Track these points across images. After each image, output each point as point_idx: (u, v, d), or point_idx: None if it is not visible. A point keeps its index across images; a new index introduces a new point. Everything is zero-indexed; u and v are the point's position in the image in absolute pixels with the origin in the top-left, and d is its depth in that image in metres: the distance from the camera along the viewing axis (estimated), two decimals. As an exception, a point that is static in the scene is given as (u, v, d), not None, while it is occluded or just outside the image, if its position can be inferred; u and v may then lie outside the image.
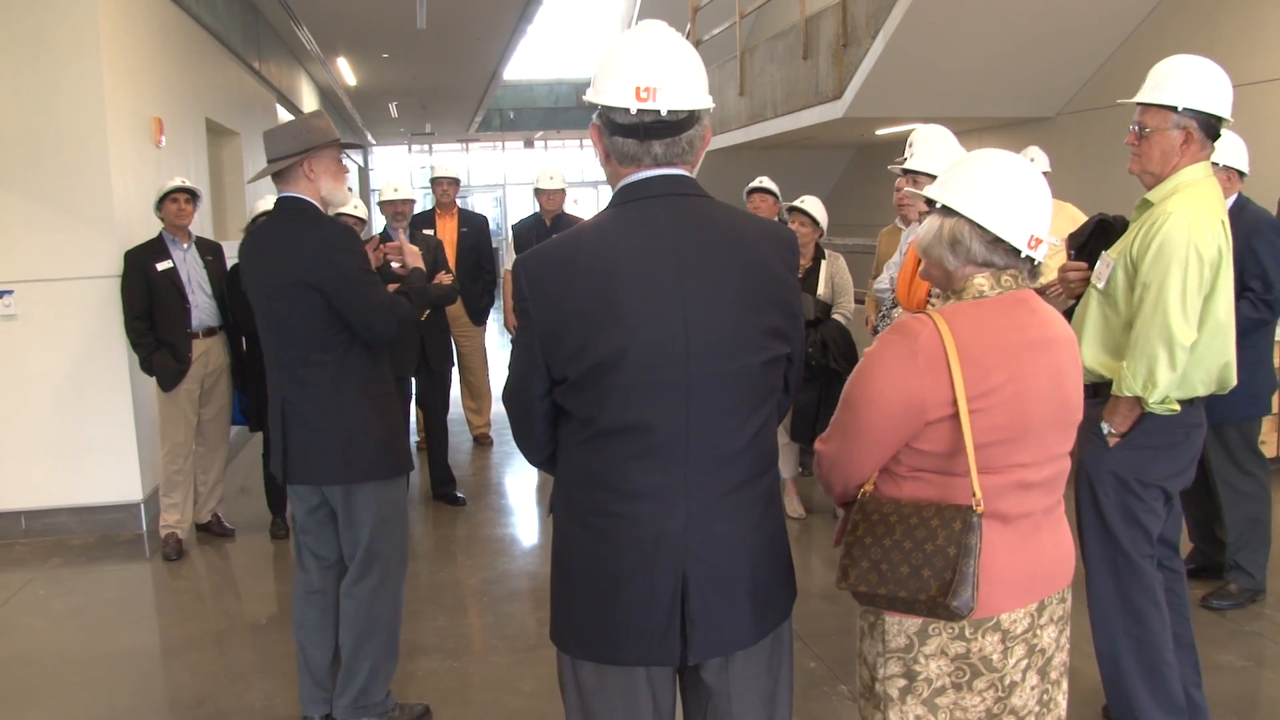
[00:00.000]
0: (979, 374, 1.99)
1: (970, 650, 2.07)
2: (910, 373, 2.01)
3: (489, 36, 12.59)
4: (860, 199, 13.00)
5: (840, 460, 2.16)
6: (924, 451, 2.05)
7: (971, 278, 2.09)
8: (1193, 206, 3.02)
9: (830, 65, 9.11)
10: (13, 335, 5.89)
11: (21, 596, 5.19)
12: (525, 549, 5.76)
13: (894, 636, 2.12)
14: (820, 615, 4.63)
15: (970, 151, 2.25)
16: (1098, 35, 7.91)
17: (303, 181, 3.43)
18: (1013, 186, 2.08)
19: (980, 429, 1.99)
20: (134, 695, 4.13)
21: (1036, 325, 2.09)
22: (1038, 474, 2.08)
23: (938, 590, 1.96)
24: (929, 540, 1.99)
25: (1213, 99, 3.06)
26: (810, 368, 5.53)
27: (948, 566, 1.95)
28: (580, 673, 2.07)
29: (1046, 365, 2.06)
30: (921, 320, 2.05)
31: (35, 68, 5.73)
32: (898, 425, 2.04)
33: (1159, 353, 3.00)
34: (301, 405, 3.46)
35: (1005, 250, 2.07)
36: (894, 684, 2.14)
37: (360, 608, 3.57)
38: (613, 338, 1.88)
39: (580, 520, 2.02)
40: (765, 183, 6.32)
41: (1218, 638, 4.20)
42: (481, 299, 7.61)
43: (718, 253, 1.94)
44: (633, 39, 1.96)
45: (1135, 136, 3.18)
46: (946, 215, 2.10)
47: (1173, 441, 3.18)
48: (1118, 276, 3.13)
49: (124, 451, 6.03)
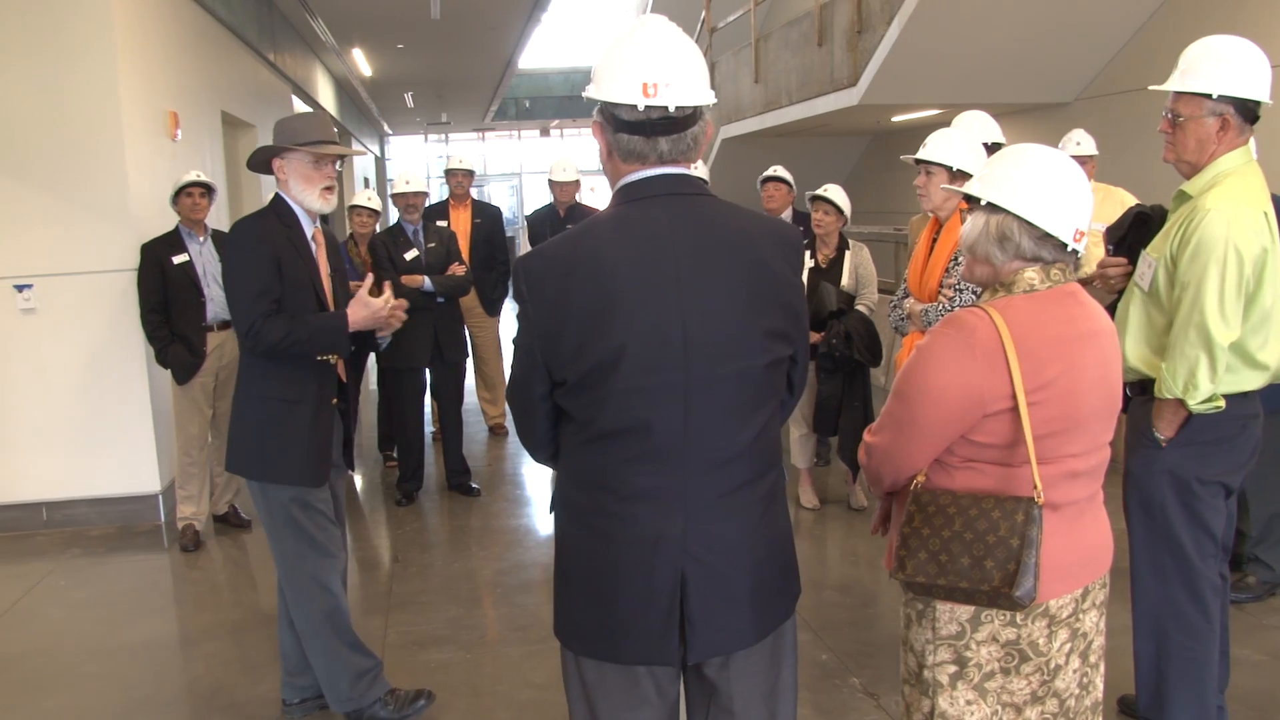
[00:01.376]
0: (1035, 367, 2.03)
1: (1020, 636, 2.12)
2: (969, 366, 2.04)
3: (503, 25, 12.57)
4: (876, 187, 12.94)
5: (893, 452, 2.18)
6: (980, 443, 2.09)
7: (1021, 271, 2.12)
8: (1232, 201, 2.91)
9: (845, 52, 9.06)
10: (32, 328, 5.93)
11: (41, 587, 5.23)
12: (539, 540, 5.77)
13: (945, 624, 2.16)
14: (833, 607, 4.63)
15: (1008, 147, 2.25)
16: (1115, 19, 7.84)
17: (279, 179, 3.49)
18: (1055, 181, 2.10)
19: (1036, 421, 2.03)
20: (151, 685, 4.16)
21: (1085, 318, 2.13)
22: (1085, 463, 2.14)
23: (1001, 581, 1.99)
24: (991, 532, 2.02)
25: (1250, 83, 2.92)
26: (834, 359, 5.49)
27: (1011, 558, 1.99)
28: (583, 668, 2.08)
29: (1095, 357, 2.10)
30: (977, 314, 2.07)
31: (51, 63, 5.75)
32: (955, 418, 2.07)
33: (1199, 355, 2.92)
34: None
35: (1054, 245, 2.09)
36: (944, 670, 2.17)
37: (285, 610, 3.70)
38: (611, 340, 1.87)
39: (580, 520, 2.03)
40: (779, 171, 6.31)
41: (1236, 631, 4.14)
42: (495, 289, 7.63)
43: (718, 254, 1.93)
44: (636, 34, 1.94)
45: (1169, 124, 3.05)
46: (992, 212, 2.12)
47: (1227, 435, 3.07)
48: (1159, 276, 3.04)
49: (141, 443, 6.08)
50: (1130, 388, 3.25)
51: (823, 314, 5.51)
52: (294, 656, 3.76)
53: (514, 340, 2.03)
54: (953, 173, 3.93)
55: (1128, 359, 3.16)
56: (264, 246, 3.41)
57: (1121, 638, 3.26)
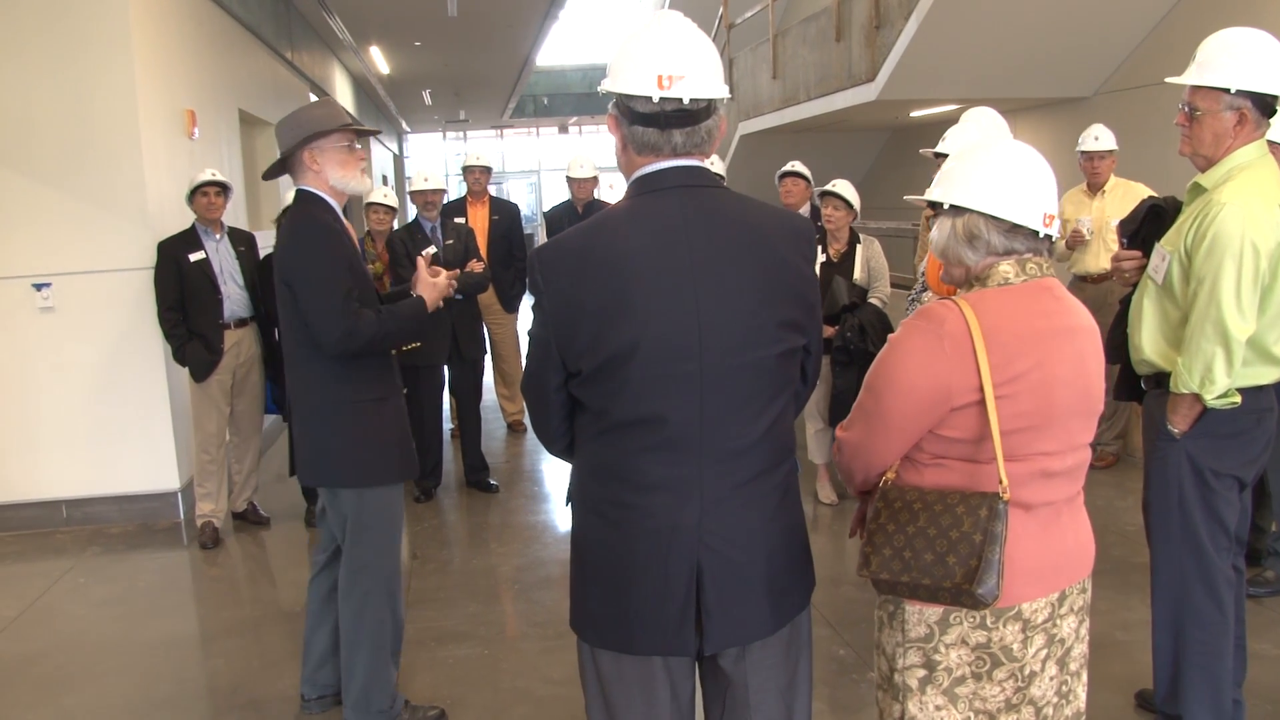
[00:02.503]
0: (1005, 360, 1.97)
1: (991, 640, 2.06)
2: (936, 358, 1.99)
3: (521, 23, 12.59)
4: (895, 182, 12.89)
5: (863, 447, 2.14)
6: (948, 438, 2.04)
7: (996, 265, 2.07)
8: (1247, 195, 2.89)
9: (863, 47, 9.03)
10: (51, 327, 5.97)
11: (62, 584, 5.26)
12: (558, 536, 5.77)
13: (914, 626, 2.11)
14: (851, 603, 4.61)
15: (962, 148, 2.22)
16: (1134, 13, 7.78)
17: (309, 173, 3.36)
18: (1013, 171, 2.07)
19: (1005, 416, 1.98)
20: (171, 682, 4.18)
21: (1060, 313, 2.07)
22: (1060, 463, 2.07)
23: (962, 577, 1.94)
24: (954, 527, 1.97)
25: (1268, 77, 2.89)
26: (849, 352, 5.50)
27: (973, 554, 1.94)
28: (599, 661, 2.08)
29: (1070, 353, 2.04)
30: (947, 306, 2.03)
31: (68, 62, 5.78)
32: (923, 411, 2.03)
33: (1215, 350, 2.90)
34: (295, 402, 3.47)
35: (1025, 234, 2.06)
36: (913, 674, 2.12)
37: (347, 619, 3.52)
38: (625, 330, 1.88)
39: (595, 511, 2.03)
40: (797, 166, 6.29)
41: (1254, 625, 4.11)
42: (513, 286, 7.63)
43: (732, 245, 1.94)
44: (652, 28, 1.95)
45: (1185, 118, 3.03)
46: (957, 214, 2.09)
47: (1243, 428, 3.06)
48: (1174, 270, 3.02)
49: (160, 441, 6.11)
50: (1146, 381, 3.23)
51: (836, 309, 5.52)
52: (318, 653, 3.73)
53: (529, 332, 2.03)
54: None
55: (1143, 352, 3.15)
56: (335, 244, 3.33)
57: (1140, 632, 3.25)
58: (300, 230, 3.34)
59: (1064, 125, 8.76)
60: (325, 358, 3.30)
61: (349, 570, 3.49)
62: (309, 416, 3.43)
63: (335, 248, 3.31)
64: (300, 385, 3.43)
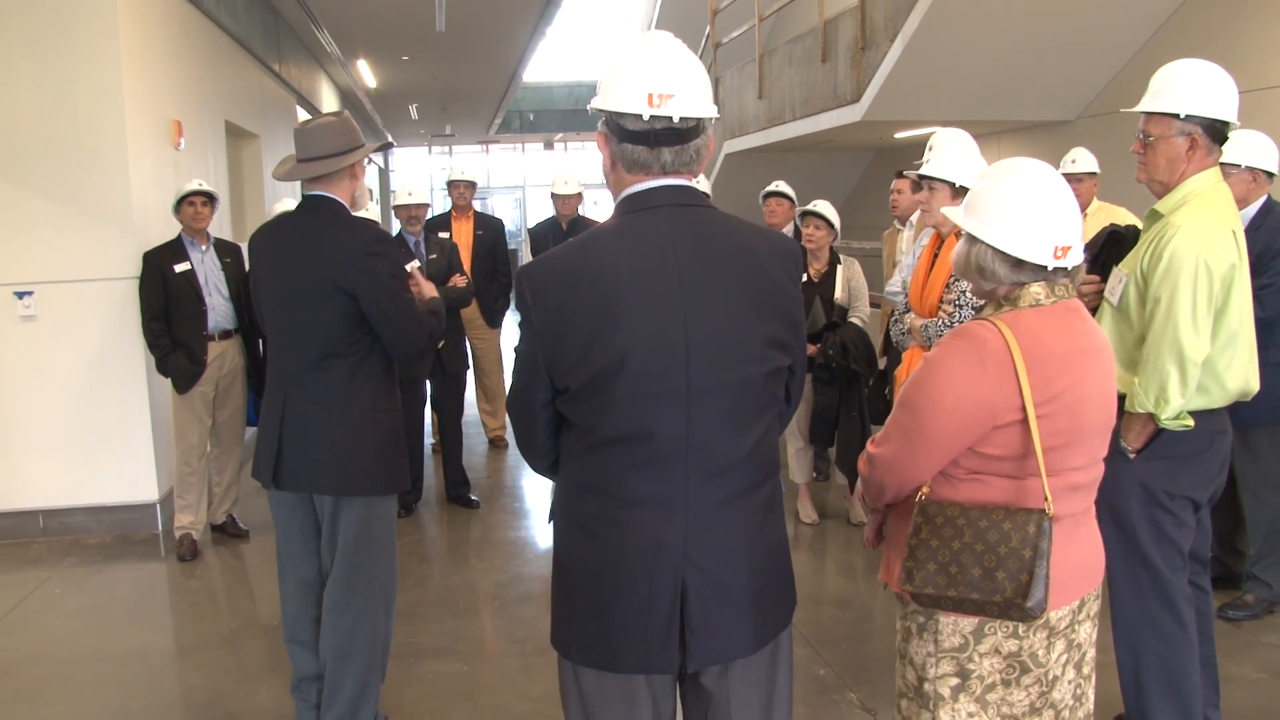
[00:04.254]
0: (1044, 380, 2.05)
1: (1022, 648, 2.15)
2: (980, 378, 2.06)
3: (508, 39, 12.62)
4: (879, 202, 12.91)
5: (899, 463, 2.19)
6: (989, 455, 2.10)
7: (1027, 286, 2.13)
8: (1202, 219, 2.98)
9: (849, 68, 9.08)
10: (32, 335, 5.93)
11: (38, 595, 5.22)
12: (538, 552, 5.76)
13: (948, 636, 2.17)
14: (831, 622, 4.61)
15: (993, 164, 2.27)
16: (1117, 39, 7.85)
17: (344, 181, 3.36)
18: (1030, 202, 2.11)
19: (1044, 434, 2.05)
20: (146, 694, 4.15)
21: (1088, 333, 2.16)
22: (1085, 476, 2.17)
23: (1013, 592, 2.01)
24: (1003, 543, 2.04)
25: (1216, 103, 3.02)
26: (830, 370, 5.53)
27: (1023, 569, 2.01)
28: (581, 679, 2.07)
29: (1097, 372, 2.14)
30: (987, 326, 2.09)
31: (55, 71, 5.77)
32: (965, 430, 2.09)
33: (1170, 369, 2.95)
34: (304, 409, 3.36)
35: (1031, 268, 2.11)
36: (946, 683, 2.18)
37: (343, 627, 3.44)
38: (613, 347, 1.89)
39: (580, 527, 2.03)
40: (781, 187, 6.31)
41: (1234, 649, 4.16)
42: (497, 301, 7.63)
43: (719, 263, 1.95)
44: (643, 47, 1.98)
45: (1141, 145, 3.15)
46: (972, 242, 2.15)
47: (1196, 449, 3.12)
48: (1130, 292, 3.09)
49: (140, 452, 6.07)
50: None
51: (816, 328, 5.57)
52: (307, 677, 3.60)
53: (516, 348, 2.04)
54: (955, 188, 3.94)
55: None
56: (396, 251, 3.42)
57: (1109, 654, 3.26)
58: (368, 237, 3.33)
59: (1046, 149, 8.81)
60: (371, 367, 3.36)
61: (349, 581, 3.43)
62: (334, 427, 3.35)
63: (397, 255, 3.42)
64: (335, 394, 3.35)
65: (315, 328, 3.32)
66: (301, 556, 3.52)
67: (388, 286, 3.30)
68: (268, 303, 3.46)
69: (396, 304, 3.31)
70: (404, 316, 3.32)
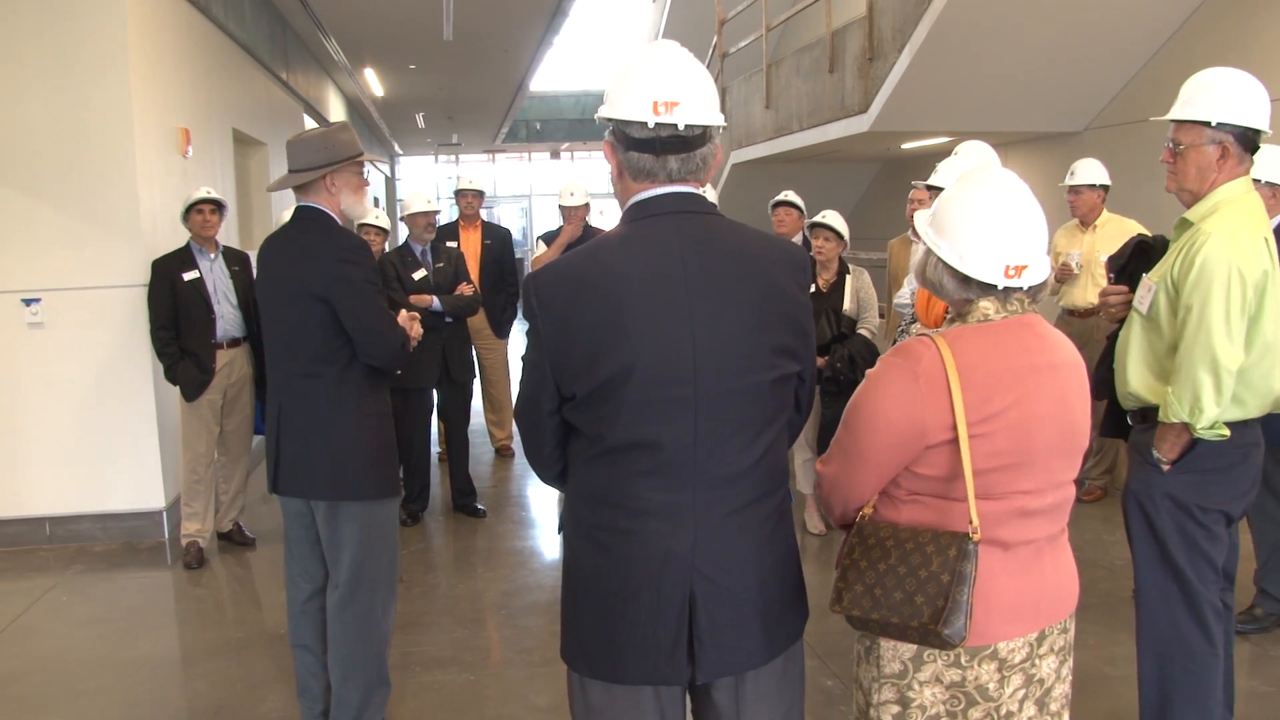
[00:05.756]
0: (981, 398, 1.96)
1: (966, 678, 2.04)
2: (911, 395, 1.99)
3: (515, 48, 12.64)
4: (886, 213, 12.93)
5: (840, 482, 2.14)
6: (923, 475, 2.03)
7: (976, 301, 2.06)
8: (1233, 225, 2.94)
9: (856, 79, 9.08)
10: (40, 342, 5.94)
11: (44, 602, 5.22)
12: (545, 562, 5.75)
13: (889, 662, 2.10)
14: (839, 634, 4.58)
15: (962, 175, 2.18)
16: (1126, 50, 7.85)
17: (323, 194, 3.41)
18: (984, 218, 2.01)
19: (981, 454, 1.97)
20: (152, 703, 4.14)
21: (1041, 350, 2.05)
22: (1040, 501, 2.04)
23: (929, 617, 1.93)
24: (923, 566, 1.96)
25: (1248, 111, 2.97)
26: (838, 382, 5.52)
27: (941, 593, 1.92)
28: (589, 691, 2.06)
29: (1051, 391, 2.03)
30: (924, 343, 2.02)
31: (65, 78, 5.78)
32: (897, 448, 2.02)
33: (1204, 378, 2.90)
34: (296, 416, 3.43)
35: (979, 285, 2.03)
36: (888, 710, 2.11)
37: (347, 633, 3.47)
38: (621, 354, 1.88)
39: (588, 537, 2.02)
40: (790, 196, 6.31)
41: (1242, 662, 4.13)
42: (504, 311, 7.64)
43: (727, 271, 1.95)
44: (649, 56, 1.98)
45: (1170, 154, 3.09)
46: (928, 254, 2.09)
47: (1230, 463, 3.07)
48: (1160, 300, 3.04)
49: (147, 459, 6.07)
50: (1132, 416, 3.24)
51: (825, 339, 5.56)
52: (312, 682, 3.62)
53: (523, 357, 2.03)
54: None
55: (1129, 385, 3.16)
56: (374, 260, 3.44)
57: (1127, 666, 3.24)
58: (344, 246, 3.38)
59: (1054, 160, 8.81)
60: (357, 372, 3.38)
61: (350, 588, 3.44)
62: (325, 431, 3.40)
63: (374, 263, 3.43)
64: (323, 400, 3.40)
65: (300, 336, 3.39)
66: (306, 562, 3.56)
67: (360, 292, 3.33)
68: (262, 312, 3.56)
69: (368, 310, 3.34)
70: (376, 322, 3.34)
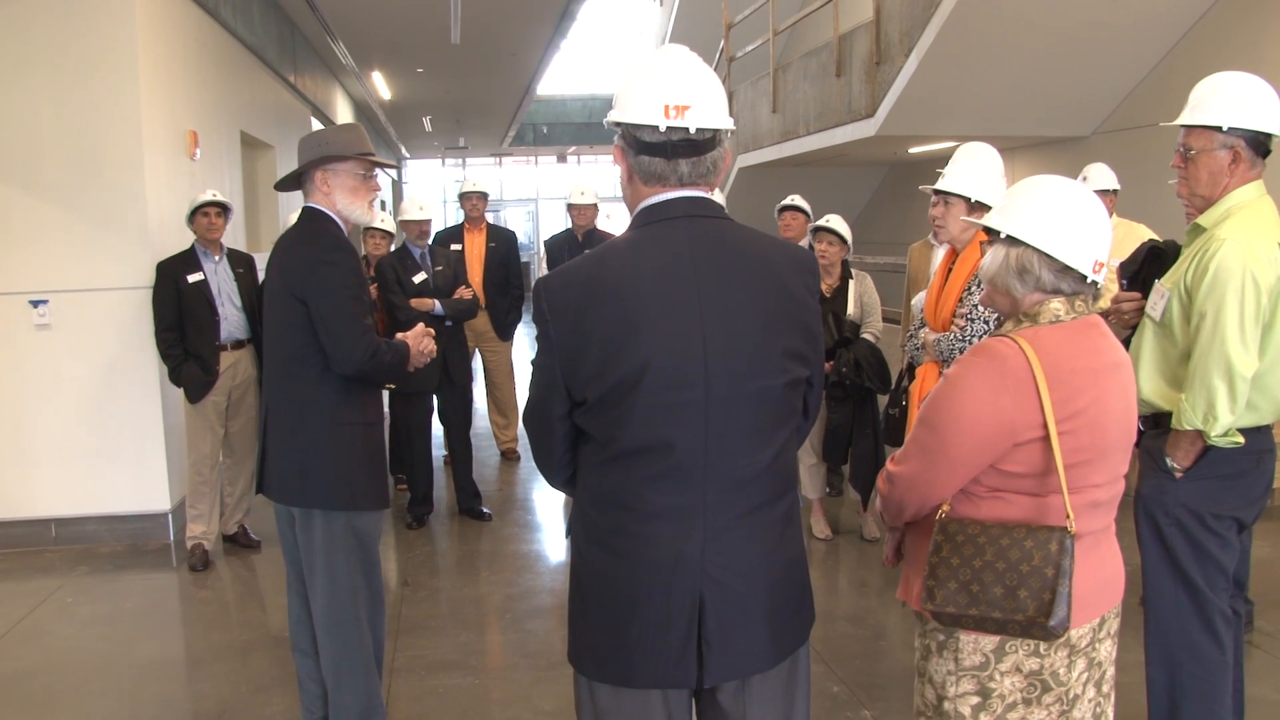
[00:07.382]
0: (1066, 396, 2.04)
1: (1044, 666, 2.13)
2: (1000, 395, 2.04)
3: (522, 52, 12.65)
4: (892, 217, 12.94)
5: (919, 481, 2.17)
6: (1010, 473, 2.09)
7: (1046, 302, 2.13)
8: (1247, 231, 2.92)
9: (863, 83, 9.08)
10: (46, 344, 5.94)
11: (49, 604, 5.22)
12: (550, 565, 5.74)
13: (969, 655, 2.15)
14: (845, 638, 4.58)
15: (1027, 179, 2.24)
16: (1134, 54, 7.84)
17: (318, 193, 3.36)
18: (1074, 213, 2.11)
19: (1066, 450, 2.04)
20: (157, 705, 4.14)
21: (1109, 349, 2.15)
22: (1106, 493, 2.16)
23: (1035, 611, 1.99)
24: (1024, 561, 2.02)
25: (1259, 115, 2.95)
26: (844, 387, 5.51)
27: (1045, 587, 1.99)
28: (597, 695, 2.06)
29: (1118, 388, 2.13)
30: (1006, 343, 2.08)
31: (73, 81, 5.79)
32: (986, 447, 2.08)
33: (1218, 385, 2.89)
34: (277, 416, 3.38)
35: (1073, 277, 2.10)
36: (966, 701, 2.17)
37: (333, 642, 3.40)
38: (632, 358, 1.88)
39: (598, 540, 2.02)
40: (797, 201, 6.31)
41: (1252, 669, 4.10)
42: (508, 314, 7.63)
43: (738, 275, 1.95)
44: (659, 60, 1.99)
45: (1181, 159, 3.07)
46: (1012, 245, 2.13)
47: (1243, 469, 3.05)
48: (1173, 306, 3.02)
49: (153, 461, 6.07)
50: (1144, 421, 3.22)
51: (829, 344, 5.53)
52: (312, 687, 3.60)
53: (533, 361, 2.03)
54: (971, 204, 3.92)
55: (1142, 392, 3.14)
56: (356, 263, 3.31)
57: (1138, 673, 3.22)
58: (323, 245, 3.30)
59: (1062, 164, 8.80)
60: (334, 377, 3.27)
61: (329, 596, 3.36)
62: (297, 437, 3.34)
63: (356, 268, 3.33)
64: (298, 403, 3.34)
65: (282, 335, 3.35)
66: (297, 566, 3.51)
67: (330, 295, 3.21)
68: (264, 312, 3.52)
69: (336, 314, 3.21)
70: (344, 326, 3.20)
